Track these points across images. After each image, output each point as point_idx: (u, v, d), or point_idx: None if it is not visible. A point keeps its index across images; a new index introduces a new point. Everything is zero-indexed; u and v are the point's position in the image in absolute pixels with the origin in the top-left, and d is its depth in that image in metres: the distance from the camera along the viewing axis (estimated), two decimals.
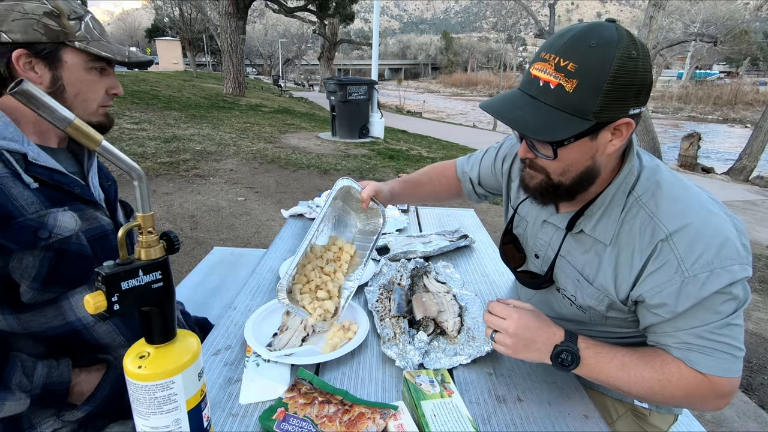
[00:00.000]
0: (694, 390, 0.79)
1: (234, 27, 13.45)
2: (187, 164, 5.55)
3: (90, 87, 0.93)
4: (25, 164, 0.85)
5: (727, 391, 0.79)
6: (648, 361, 0.81)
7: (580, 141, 0.76)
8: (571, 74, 0.71)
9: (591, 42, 0.71)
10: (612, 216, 0.85)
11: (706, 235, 0.76)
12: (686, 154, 11.26)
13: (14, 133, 0.85)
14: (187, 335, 0.63)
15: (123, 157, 0.54)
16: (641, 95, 0.74)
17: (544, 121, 0.74)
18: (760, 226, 6.04)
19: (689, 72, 45.14)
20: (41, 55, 0.86)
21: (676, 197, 0.81)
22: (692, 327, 0.78)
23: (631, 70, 0.71)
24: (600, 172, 0.83)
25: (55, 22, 0.86)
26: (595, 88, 0.71)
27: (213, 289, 1.79)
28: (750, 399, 2.23)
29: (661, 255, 0.78)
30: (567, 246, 0.93)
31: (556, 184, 0.84)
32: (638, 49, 0.72)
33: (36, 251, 0.84)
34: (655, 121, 13.33)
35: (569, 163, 0.80)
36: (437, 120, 21.00)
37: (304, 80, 46.52)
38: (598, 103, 0.71)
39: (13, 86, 0.47)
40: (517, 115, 0.77)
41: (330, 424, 0.75)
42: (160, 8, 37.40)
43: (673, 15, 29.54)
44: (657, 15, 9.82)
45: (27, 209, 0.83)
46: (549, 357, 0.82)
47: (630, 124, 0.76)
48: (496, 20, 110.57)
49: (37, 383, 0.85)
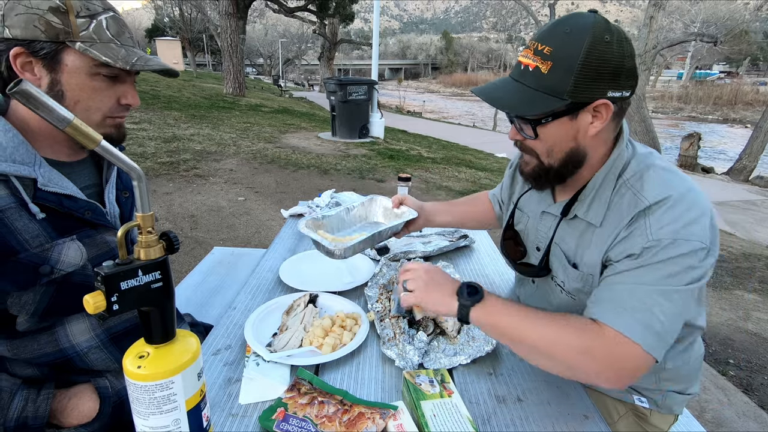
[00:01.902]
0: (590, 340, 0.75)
1: (234, 27, 13.45)
2: (187, 164, 5.54)
3: (93, 95, 0.84)
4: (33, 190, 0.80)
5: (625, 360, 0.74)
6: (551, 313, 0.81)
7: (559, 120, 0.81)
8: (547, 57, 0.78)
9: (566, 28, 0.78)
10: (602, 199, 0.88)
11: (681, 207, 0.78)
12: (686, 154, 11.27)
13: (25, 155, 0.79)
14: (187, 335, 0.63)
15: (122, 157, 0.54)
16: (619, 79, 0.78)
17: (519, 98, 0.81)
18: (760, 226, 6.04)
19: (689, 72, 45.16)
20: (40, 54, 0.78)
21: (662, 178, 0.84)
22: (629, 283, 0.77)
23: (604, 53, 0.76)
24: (586, 155, 0.86)
25: (58, 19, 0.78)
26: (569, 69, 0.76)
27: (213, 289, 1.78)
28: (750, 399, 2.23)
29: (636, 222, 0.81)
30: (561, 232, 0.96)
31: (547, 167, 0.89)
32: (613, 35, 0.77)
33: (36, 288, 0.80)
34: (655, 121, 13.34)
35: (552, 143, 0.85)
36: (437, 120, 21.00)
37: (304, 80, 46.52)
38: (571, 83, 0.77)
39: (13, 86, 0.47)
40: (497, 95, 0.85)
41: (330, 424, 0.75)
42: (160, 8, 37.43)
43: (673, 15, 29.54)
44: (657, 15, 9.83)
45: (30, 243, 0.78)
46: (454, 292, 0.85)
47: (608, 105, 0.79)
48: (496, 20, 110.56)
49: (11, 416, 0.80)
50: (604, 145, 0.88)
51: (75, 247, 0.84)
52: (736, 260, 4.23)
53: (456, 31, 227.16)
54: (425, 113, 24.60)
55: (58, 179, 0.83)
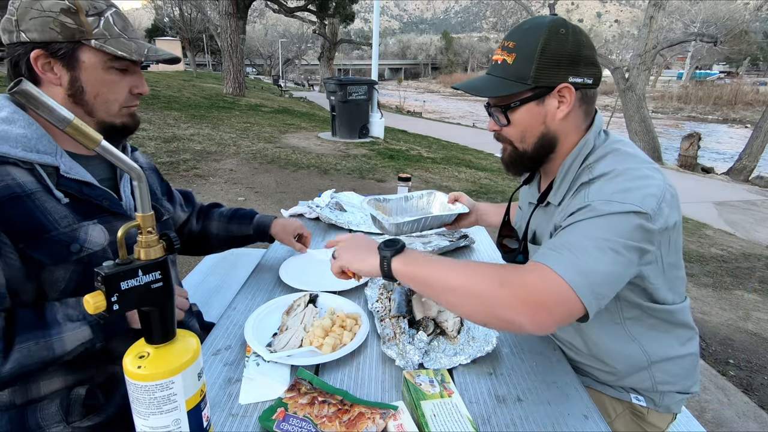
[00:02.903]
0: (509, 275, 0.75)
1: (234, 27, 13.45)
2: (187, 164, 5.55)
3: (110, 87, 0.89)
4: (57, 178, 0.85)
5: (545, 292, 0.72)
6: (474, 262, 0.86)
7: (527, 105, 0.91)
8: (511, 50, 0.90)
9: (526, 25, 0.91)
10: (567, 182, 0.94)
11: (623, 178, 0.82)
12: (686, 154, 11.27)
13: (47, 146, 0.85)
14: (187, 335, 0.63)
15: (122, 157, 0.54)
16: (578, 66, 0.88)
17: (489, 85, 0.93)
18: (760, 226, 6.04)
19: (689, 72, 45.17)
20: (58, 55, 0.83)
21: (615, 158, 0.88)
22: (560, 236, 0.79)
23: (560, 42, 0.86)
24: (557, 139, 0.94)
25: (71, 20, 0.82)
26: (529, 58, 0.87)
27: (213, 289, 1.79)
28: (750, 399, 2.23)
29: (579, 192, 0.87)
30: (536, 219, 1.04)
31: (521, 152, 0.97)
32: (568, 28, 0.87)
33: (67, 265, 0.85)
34: (655, 121, 13.33)
35: (523, 128, 0.94)
36: (437, 120, 21.00)
37: (304, 80, 46.52)
38: (533, 70, 0.87)
39: (12, 86, 0.47)
40: (471, 83, 0.98)
41: (330, 424, 0.75)
42: (160, 8, 37.43)
43: (673, 15, 29.55)
44: (657, 15, 9.83)
45: (60, 223, 0.83)
46: (375, 248, 0.89)
47: (570, 89, 0.88)
48: (496, 20, 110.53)
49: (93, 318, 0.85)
50: (576, 132, 0.94)
51: (99, 230, 0.89)
52: (736, 260, 4.23)
53: (456, 31, 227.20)
54: (425, 113, 24.58)
55: (78, 169, 0.89)
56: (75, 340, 0.83)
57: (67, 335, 0.82)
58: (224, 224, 1.37)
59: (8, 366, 0.77)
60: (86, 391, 0.89)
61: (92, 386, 0.91)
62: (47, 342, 0.80)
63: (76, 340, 0.83)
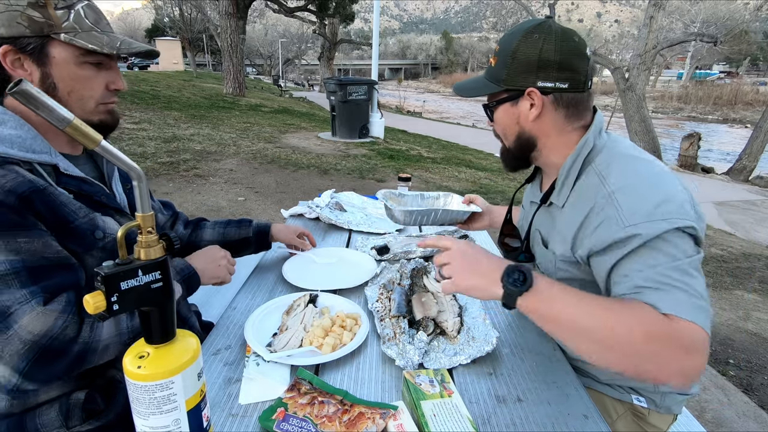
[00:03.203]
0: (653, 331, 0.70)
1: (234, 27, 13.45)
2: (187, 164, 5.55)
3: (85, 84, 0.86)
4: (56, 176, 0.85)
5: (691, 342, 0.69)
6: (605, 299, 0.78)
7: (503, 106, 0.97)
8: (496, 53, 0.96)
9: (511, 30, 0.95)
10: (569, 182, 0.95)
11: (647, 191, 0.81)
12: (686, 154, 11.26)
13: (42, 145, 0.84)
14: (187, 335, 0.63)
15: (123, 157, 0.54)
16: (547, 70, 0.89)
17: (472, 85, 1.01)
18: (760, 226, 6.04)
19: (689, 72, 45.17)
20: (27, 50, 0.80)
21: (629, 164, 0.88)
22: (640, 270, 0.76)
23: (530, 48, 0.89)
24: (535, 138, 0.97)
25: (39, 13, 0.79)
26: (505, 62, 0.92)
27: (213, 289, 1.78)
28: (750, 399, 2.23)
29: (604, 210, 0.83)
30: (538, 218, 1.05)
31: (507, 148, 1.03)
32: (542, 32, 0.89)
33: (94, 252, 0.86)
34: (655, 121, 13.33)
35: (503, 127, 1.00)
36: (437, 120, 21.00)
37: (304, 80, 46.52)
38: (506, 73, 0.93)
39: (13, 86, 0.47)
40: (462, 84, 1.05)
41: (330, 424, 0.75)
42: (160, 8, 37.45)
43: (673, 15, 29.55)
44: (657, 15, 9.83)
45: (78, 213, 0.84)
46: (499, 278, 0.77)
47: (536, 93, 0.91)
48: (496, 20, 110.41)
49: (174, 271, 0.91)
50: (559, 132, 0.95)
51: (110, 219, 0.90)
52: (736, 260, 4.23)
53: (456, 31, 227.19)
54: (425, 113, 24.58)
55: (73, 167, 0.88)
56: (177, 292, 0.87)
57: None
58: (220, 230, 1.35)
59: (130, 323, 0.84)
60: (85, 396, 0.88)
61: (91, 390, 0.90)
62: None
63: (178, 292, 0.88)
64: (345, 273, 1.33)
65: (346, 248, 1.54)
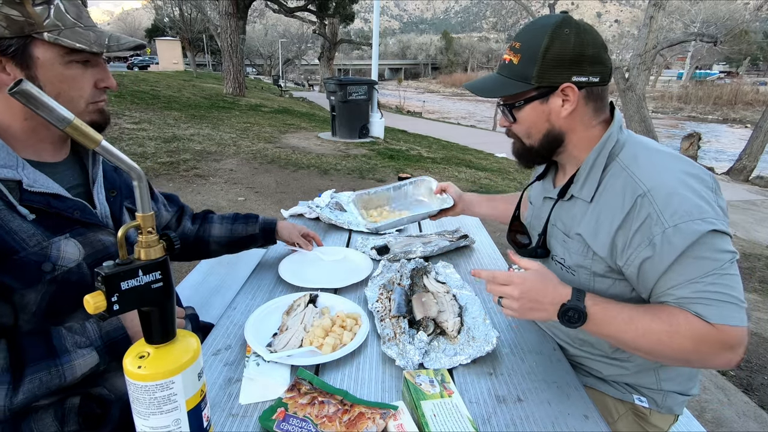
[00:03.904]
0: (702, 339, 0.78)
1: (234, 27, 13.45)
2: (187, 164, 5.55)
3: (72, 84, 0.81)
4: (20, 192, 0.78)
5: (736, 342, 0.78)
6: (655, 313, 0.82)
7: (532, 104, 0.93)
8: (517, 50, 0.92)
9: (532, 26, 0.92)
10: (594, 177, 0.94)
11: (682, 190, 0.82)
12: (686, 154, 11.26)
13: (6, 158, 0.78)
14: (187, 335, 0.63)
15: (123, 157, 0.54)
16: (582, 65, 0.88)
17: (494, 85, 0.96)
18: (760, 226, 6.04)
19: (689, 72, 45.15)
20: (9, 53, 0.74)
21: (655, 159, 0.89)
22: (686, 281, 0.80)
23: (563, 43, 0.87)
24: (564, 135, 0.96)
25: (17, 11, 0.73)
26: (533, 58, 0.89)
27: (213, 289, 1.79)
28: (750, 399, 2.23)
29: (641, 210, 0.84)
30: (556, 213, 1.03)
31: (528, 147, 1.00)
32: (572, 27, 0.88)
33: (39, 286, 0.80)
34: (655, 121, 13.33)
35: (528, 125, 0.96)
36: (437, 120, 21.00)
37: (304, 80, 46.49)
38: (536, 70, 0.89)
39: (13, 86, 0.47)
40: (478, 83, 1.01)
41: (330, 424, 0.75)
42: (160, 8, 37.44)
43: (673, 15, 29.54)
44: (657, 15, 9.83)
45: (28, 242, 0.78)
46: (555, 316, 0.84)
47: (573, 88, 0.89)
48: (496, 20, 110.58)
49: (95, 336, 0.84)
50: (585, 127, 0.95)
51: (72, 244, 0.84)
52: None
53: (456, 31, 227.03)
54: (425, 113, 24.57)
55: (43, 180, 0.82)
56: (84, 366, 0.82)
57: (78, 362, 0.81)
58: (228, 225, 1.35)
59: (20, 397, 0.75)
60: (80, 400, 0.88)
61: (85, 395, 0.89)
62: (58, 370, 0.79)
63: (86, 365, 0.82)
64: (345, 271, 1.33)
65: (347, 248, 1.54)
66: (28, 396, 0.76)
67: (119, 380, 0.93)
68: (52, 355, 0.79)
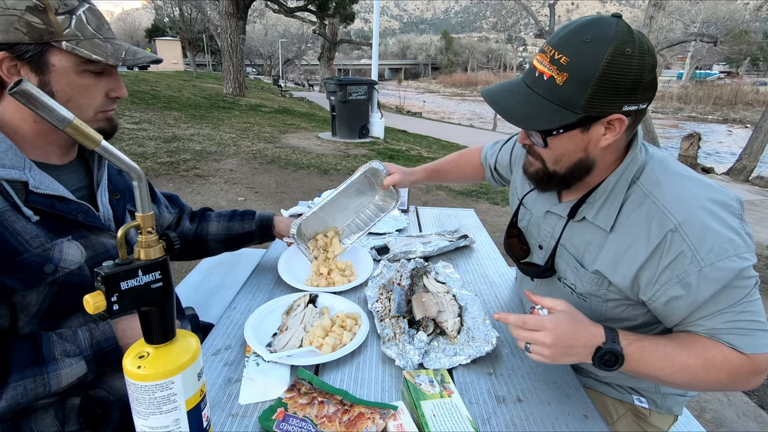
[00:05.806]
0: (737, 370, 0.77)
1: (234, 27, 13.45)
2: (187, 164, 5.55)
3: (84, 92, 0.82)
4: (25, 193, 0.79)
5: (765, 367, 0.79)
6: (690, 347, 0.79)
7: (570, 132, 0.79)
8: (563, 67, 0.75)
9: (585, 37, 0.74)
10: (614, 203, 0.86)
11: (714, 224, 0.77)
12: (686, 154, 11.25)
13: (14, 159, 0.79)
14: (187, 335, 0.63)
15: (123, 157, 0.54)
16: (637, 92, 0.75)
17: (530, 111, 0.79)
18: (760, 226, 6.03)
19: (689, 72, 45.15)
20: (25, 58, 0.76)
21: (680, 186, 0.82)
22: (718, 312, 0.78)
23: (624, 67, 0.73)
24: (595, 164, 0.85)
25: (39, 19, 0.74)
26: (584, 83, 0.74)
27: (213, 289, 1.78)
28: (750, 399, 2.23)
29: (672, 246, 0.78)
30: (568, 234, 0.95)
31: (551, 172, 0.88)
32: (635, 47, 0.73)
33: (41, 288, 0.80)
34: (655, 121, 13.32)
35: (561, 153, 0.84)
36: (437, 120, 21.00)
37: (304, 80, 46.50)
38: (586, 97, 0.74)
39: (13, 86, 0.47)
40: (507, 103, 0.82)
41: (330, 424, 0.75)
42: (160, 8, 37.46)
43: (673, 15, 29.54)
44: (657, 15, 9.82)
45: (31, 243, 0.78)
46: (590, 359, 0.78)
47: (622, 120, 0.77)
48: (496, 20, 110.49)
49: (84, 345, 0.83)
50: (615, 153, 0.86)
51: (74, 246, 0.84)
52: None
53: (456, 31, 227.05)
54: (425, 113, 24.58)
55: (49, 182, 0.83)
56: (71, 375, 0.81)
57: (64, 372, 0.80)
58: (225, 223, 1.34)
59: (2, 404, 0.74)
60: (80, 401, 0.88)
61: (85, 396, 0.89)
62: (44, 379, 0.78)
63: (72, 375, 0.81)
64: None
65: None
66: (11, 403, 0.75)
67: (117, 382, 0.93)
68: (38, 363, 0.78)
